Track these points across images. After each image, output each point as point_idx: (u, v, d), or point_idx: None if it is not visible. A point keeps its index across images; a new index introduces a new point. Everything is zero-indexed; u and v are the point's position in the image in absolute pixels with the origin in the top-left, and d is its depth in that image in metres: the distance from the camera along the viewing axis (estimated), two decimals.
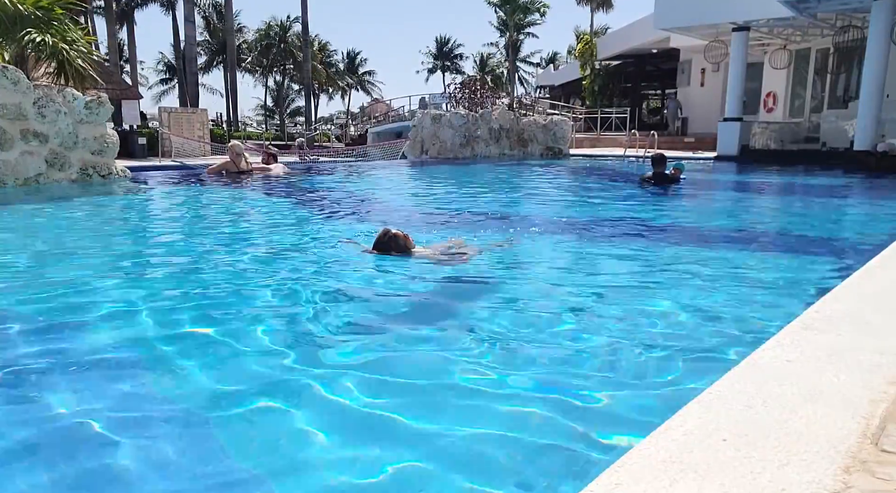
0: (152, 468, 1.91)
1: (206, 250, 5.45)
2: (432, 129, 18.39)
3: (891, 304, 2.47)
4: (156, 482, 1.85)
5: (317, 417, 2.23)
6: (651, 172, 10.06)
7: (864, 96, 14.99)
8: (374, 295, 3.90)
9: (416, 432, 2.12)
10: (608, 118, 27.90)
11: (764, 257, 5.42)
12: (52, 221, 7.04)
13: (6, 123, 8.97)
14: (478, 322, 3.31)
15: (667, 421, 1.43)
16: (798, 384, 1.63)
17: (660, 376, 2.59)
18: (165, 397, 2.42)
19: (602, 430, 2.15)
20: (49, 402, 2.32)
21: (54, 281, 4.10)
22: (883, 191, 11.09)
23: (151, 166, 14.16)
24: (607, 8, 37.97)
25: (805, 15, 16.11)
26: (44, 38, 9.75)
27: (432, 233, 6.15)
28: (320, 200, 9.47)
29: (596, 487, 1.16)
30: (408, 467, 1.89)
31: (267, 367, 2.68)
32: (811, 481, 1.18)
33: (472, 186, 12.08)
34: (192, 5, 32.68)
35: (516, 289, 4.16)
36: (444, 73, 61.70)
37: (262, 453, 2.01)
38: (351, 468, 1.89)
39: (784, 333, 2.06)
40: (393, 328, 3.21)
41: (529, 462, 1.95)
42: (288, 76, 53.86)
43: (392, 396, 2.38)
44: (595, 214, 8.17)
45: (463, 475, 1.85)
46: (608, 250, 5.59)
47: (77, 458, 1.99)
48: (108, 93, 11.76)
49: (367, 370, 2.61)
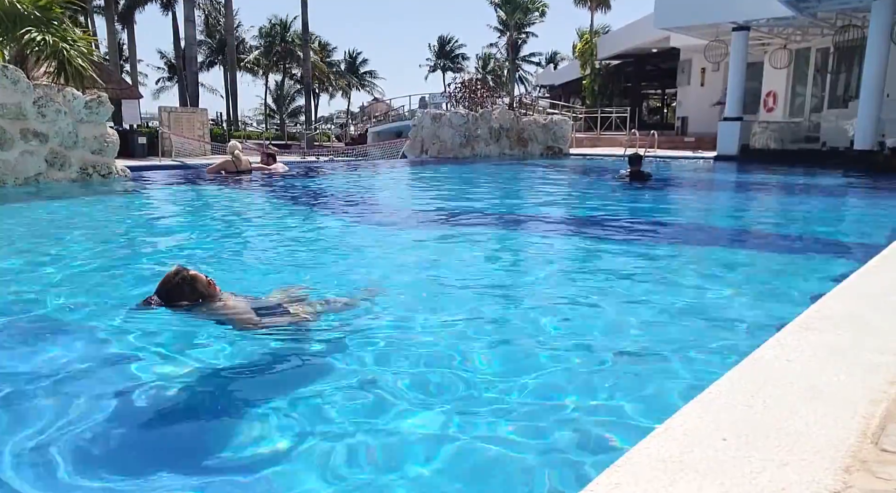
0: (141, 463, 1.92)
1: (206, 249, 5.44)
2: (432, 128, 18.39)
3: (891, 304, 2.47)
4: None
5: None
6: (628, 170, 10.59)
7: (864, 96, 14.98)
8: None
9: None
10: (608, 118, 27.90)
11: (763, 256, 5.42)
12: (52, 220, 7.04)
13: (6, 123, 8.96)
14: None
15: (667, 421, 1.43)
16: (798, 384, 1.63)
17: (659, 376, 2.59)
18: (162, 395, 2.43)
19: (602, 430, 2.15)
20: (44, 402, 2.32)
21: (54, 281, 4.10)
22: (883, 191, 11.09)
23: (151, 166, 14.16)
24: (605, 8, 37.92)
25: (805, 14, 16.09)
26: (44, 37, 9.74)
27: (431, 233, 6.14)
28: (320, 200, 9.46)
29: (596, 487, 1.16)
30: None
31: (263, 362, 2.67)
32: (811, 481, 1.18)
33: (471, 186, 12.09)
34: (192, 5, 32.64)
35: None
36: (445, 72, 61.68)
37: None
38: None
39: (784, 333, 2.06)
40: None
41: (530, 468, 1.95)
42: (288, 75, 53.84)
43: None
44: (584, 213, 8.22)
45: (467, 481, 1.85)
46: (607, 249, 5.59)
47: (77, 456, 1.99)
48: (108, 92, 11.74)
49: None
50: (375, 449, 2.01)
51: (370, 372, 2.62)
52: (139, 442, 2.13)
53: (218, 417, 2.35)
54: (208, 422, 2.31)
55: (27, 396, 2.37)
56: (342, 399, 2.37)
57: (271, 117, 57.03)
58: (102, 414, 2.24)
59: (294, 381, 2.61)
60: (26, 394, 2.39)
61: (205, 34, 46.31)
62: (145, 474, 1.88)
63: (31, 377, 2.53)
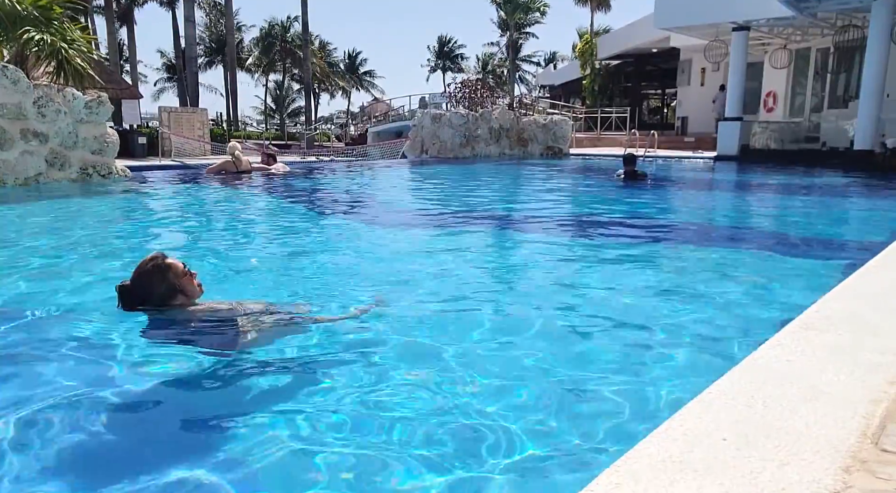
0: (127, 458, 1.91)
1: (205, 249, 5.44)
2: (432, 128, 18.39)
3: (891, 304, 2.47)
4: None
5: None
6: (623, 169, 10.86)
7: (864, 96, 14.98)
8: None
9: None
10: (608, 118, 27.90)
11: (763, 256, 5.42)
12: (52, 220, 7.04)
13: (6, 123, 8.96)
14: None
15: (667, 421, 1.43)
16: (798, 384, 1.63)
17: (659, 376, 2.59)
18: (159, 392, 2.42)
19: (601, 430, 2.15)
20: (42, 395, 2.32)
21: (52, 281, 4.10)
22: (884, 191, 11.09)
23: (151, 166, 14.16)
24: (606, 8, 37.91)
25: (805, 14, 16.09)
26: (42, 36, 9.75)
27: (431, 233, 6.13)
28: (319, 199, 9.47)
29: (596, 487, 1.16)
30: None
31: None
32: (811, 481, 1.18)
33: (471, 186, 12.09)
34: (192, 4, 32.64)
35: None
36: (445, 72, 61.71)
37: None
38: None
39: (784, 333, 2.05)
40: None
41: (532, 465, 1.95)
42: (288, 75, 53.85)
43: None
44: (578, 213, 8.23)
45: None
46: (605, 249, 5.59)
47: (76, 453, 1.99)
48: (108, 92, 11.75)
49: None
50: (368, 464, 1.96)
51: (366, 375, 2.62)
52: (104, 452, 2.08)
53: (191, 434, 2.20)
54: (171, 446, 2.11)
55: (22, 397, 2.37)
56: (335, 416, 2.21)
57: (271, 117, 57.03)
58: (89, 417, 2.24)
59: (274, 398, 2.39)
60: (22, 395, 2.39)
61: (205, 34, 46.33)
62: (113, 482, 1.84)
63: (24, 381, 2.53)
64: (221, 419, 2.22)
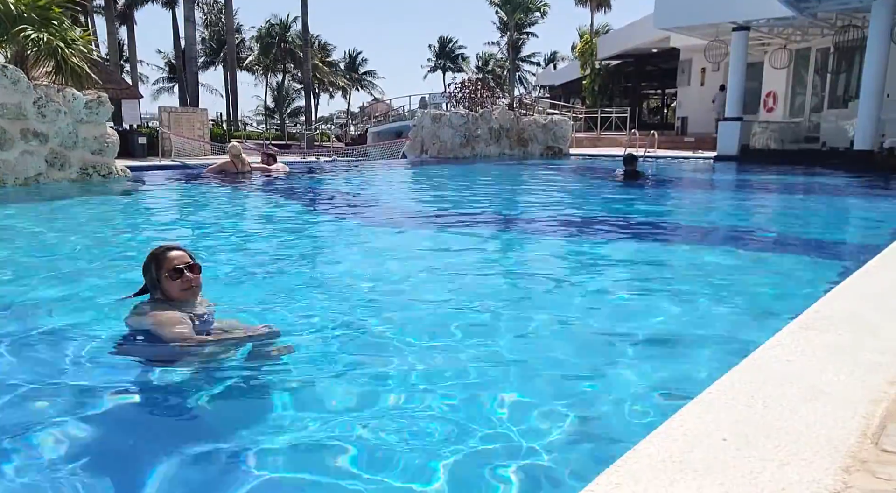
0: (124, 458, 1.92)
1: (205, 249, 5.44)
2: (432, 128, 18.39)
3: (891, 304, 2.47)
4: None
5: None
6: (623, 169, 10.91)
7: (864, 96, 14.98)
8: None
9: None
10: (608, 118, 27.90)
11: (763, 256, 5.42)
12: (52, 220, 7.03)
13: (6, 123, 8.96)
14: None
15: (667, 421, 1.43)
16: (798, 384, 1.63)
17: (659, 376, 2.59)
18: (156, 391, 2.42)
19: (600, 430, 2.15)
20: (42, 394, 2.32)
21: (51, 282, 4.10)
22: (883, 191, 11.09)
23: (151, 166, 14.16)
24: (605, 8, 37.92)
25: (805, 15, 16.10)
26: (39, 36, 9.74)
27: (431, 233, 6.14)
28: (319, 200, 9.47)
29: (596, 487, 1.16)
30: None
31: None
32: (811, 481, 1.18)
33: (470, 186, 12.10)
34: (192, 4, 32.65)
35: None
36: (445, 73, 61.74)
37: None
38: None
39: (784, 333, 2.06)
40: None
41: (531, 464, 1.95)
42: (288, 75, 53.82)
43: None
44: (578, 213, 8.23)
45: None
46: (605, 249, 5.59)
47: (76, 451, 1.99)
48: (108, 92, 11.73)
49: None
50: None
51: (362, 379, 2.61)
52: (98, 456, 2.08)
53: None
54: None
55: (18, 399, 2.37)
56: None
57: (271, 117, 57.03)
58: (90, 415, 2.24)
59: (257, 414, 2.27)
60: (17, 396, 2.39)
61: (205, 34, 46.33)
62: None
63: (24, 380, 2.53)
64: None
